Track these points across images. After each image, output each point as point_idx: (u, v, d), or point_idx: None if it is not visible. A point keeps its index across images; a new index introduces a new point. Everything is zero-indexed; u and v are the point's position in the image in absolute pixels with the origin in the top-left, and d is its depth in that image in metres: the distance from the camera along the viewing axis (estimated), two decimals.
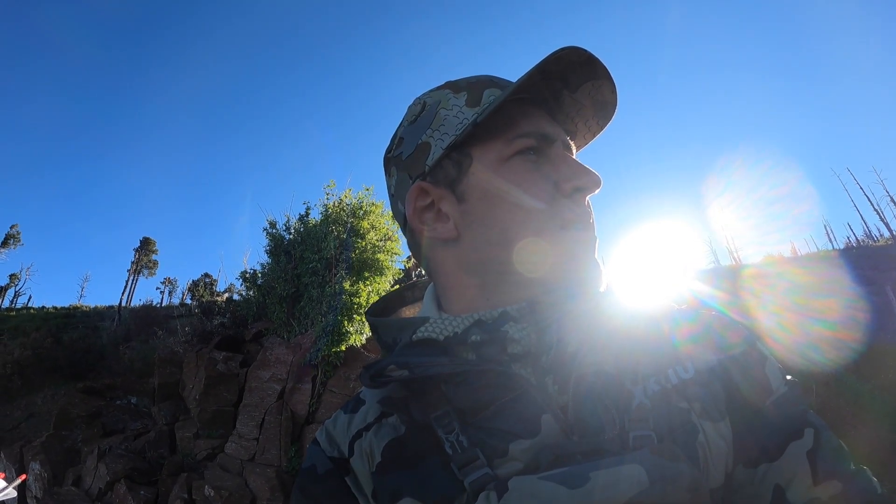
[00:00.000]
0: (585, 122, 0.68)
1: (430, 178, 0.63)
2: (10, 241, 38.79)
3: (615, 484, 0.43)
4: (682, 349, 0.58)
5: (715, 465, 0.51)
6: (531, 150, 0.61)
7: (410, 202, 0.64)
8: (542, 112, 0.64)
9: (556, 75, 0.61)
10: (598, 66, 0.59)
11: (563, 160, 0.62)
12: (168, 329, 11.45)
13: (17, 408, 11.13)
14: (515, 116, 0.61)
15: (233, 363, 8.17)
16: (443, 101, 0.64)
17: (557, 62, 0.57)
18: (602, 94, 0.64)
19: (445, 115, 0.62)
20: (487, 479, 0.49)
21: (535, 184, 0.59)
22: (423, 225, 0.64)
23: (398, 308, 0.76)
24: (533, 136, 0.60)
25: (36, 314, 23.56)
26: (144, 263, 39.87)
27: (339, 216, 8.96)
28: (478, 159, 0.61)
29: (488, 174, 0.60)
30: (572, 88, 0.64)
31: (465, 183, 0.61)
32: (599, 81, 0.62)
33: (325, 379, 7.52)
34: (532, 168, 0.60)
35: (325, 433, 0.63)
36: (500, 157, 0.60)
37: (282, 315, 8.64)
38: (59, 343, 12.99)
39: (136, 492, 6.55)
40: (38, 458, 7.56)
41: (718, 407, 0.55)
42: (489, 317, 0.57)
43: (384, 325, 0.66)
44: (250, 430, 7.25)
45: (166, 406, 8.49)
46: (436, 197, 0.63)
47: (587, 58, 0.58)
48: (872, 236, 18.22)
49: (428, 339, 0.59)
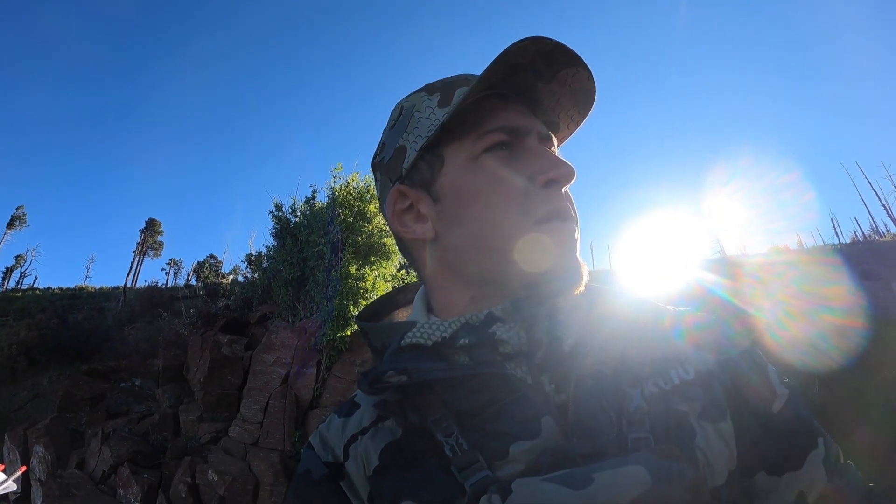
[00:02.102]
0: (566, 113, 0.68)
1: (407, 181, 0.65)
2: (15, 223, 38.96)
3: (619, 484, 0.43)
4: (684, 350, 0.59)
5: (714, 465, 0.51)
6: (503, 144, 0.60)
7: (390, 205, 0.66)
8: (517, 106, 0.64)
9: (526, 67, 0.60)
10: (569, 53, 0.58)
11: (537, 153, 0.61)
12: (173, 311, 11.40)
13: (22, 388, 11.15)
14: (486, 113, 0.61)
15: (237, 346, 8.10)
16: (417, 103, 0.65)
17: (521, 53, 0.56)
18: (578, 82, 0.63)
19: (419, 118, 0.63)
20: (488, 481, 0.49)
21: (507, 180, 0.59)
22: (403, 227, 0.66)
23: (391, 311, 0.76)
24: (502, 130, 0.60)
25: (41, 295, 23.67)
26: (150, 244, 40.03)
27: (347, 200, 8.80)
28: (449, 159, 0.62)
29: (459, 173, 0.61)
30: (546, 79, 0.63)
31: (438, 183, 0.62)
32: (573, 69, 0.61)
33: (329, 364, 7.43)
34: (504, 164, 0.60)
35: (319, 437, 0.63)
36: (470, 155, 0.61)
37: (287, 298, 8.53)
38: (64, 324, 12.98)
39: (140, 475, 6.53)
40: (42, 440, 7.54)
41: (719, 407, 0.55)
42: (476, 319, 0.58)
43: (373, 330, 0.66)
44: (254, 413, 7.19)
45: (170, 389, 8.45)
46: (414, 199, 0.65)
47: (554, 46, 0.57)
48: (879, 231, 18.01)
49: (416, 344, 0.59)
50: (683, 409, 0.54)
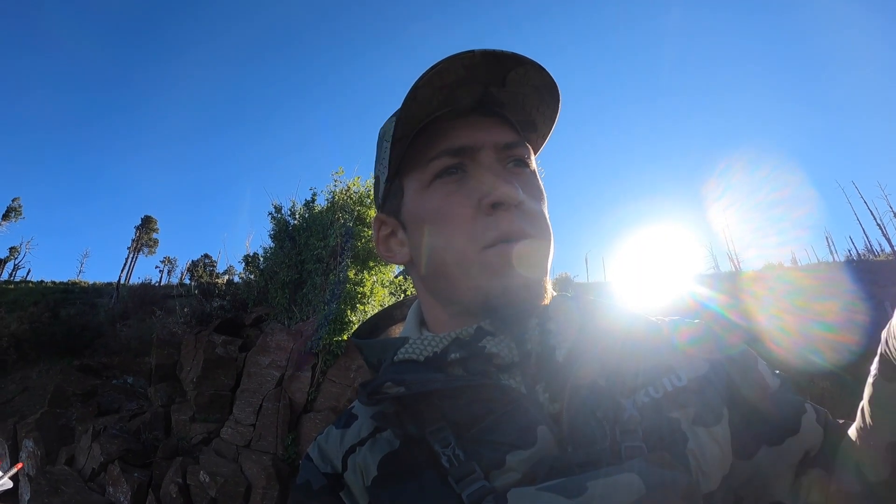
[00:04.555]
0: (538, 109, 0.65)
1: (384, 210, 0.69)
2: (11, 214, 38.71)
3: (613, 493, 0.44)
4: (677, 358, 0.60)
5: (708, 470, 0.52)
6: (453, 167, 0.60)
7: (375, 232, 0.70)
8: (473, 118, 0.62)
9: (468, 79, 0.59)
10: (505, 56, 0.57)
11: (484, 173, 0.60)
12: (166, 309, 11.34)
13: (11, 381, 11.06)
14: (436, 136, 0.61)
15: (232, 347, 8.07)
16: (387, 131, 0.63)
17: (441, 75, 0.56)
18: (533, 79, 0.61)
19: (385, 147, 0.63)
20: (485, 491, 0.49)
21: (454, 206, 0.59)
22: (387, 252, 0.69)
23: (388, 326, 0.77)
24: (446, 153, 0.60)
25: (34, 288, 23.50)
26: (145, 241, 39.82)
27: (346, 204, 8.83)
28: (407, 188, 0.64)
29: (415, 202, 0.63)
30: (497, 84, 0.61)
31: (402, 212, 0.65)
32: (521, 69, 0.59)
33: (325, 368, 7.40)
34: (454, 189, 0.60)
35: (317, 449, 0.64)
36: (420, 184, 0.62)
37: (283, 301, 8.51)
38: (56, 318, 12.90)
39: (130, 473, 6.48)
40: (32, 435, 7.49)
41: (714, 411, 0.56)
42: (465, 334, 0.59)
43: (368, 347, 0.67)
44: (247, 415, 7.16)
45: (163, 387, 8.40)
46: (392, 226, 0.68)
47: (483, 54, 0.56)
48: (874, 251, 18.18)
49: (408, 360, 0.60)
50: (676, 417, 0.55)
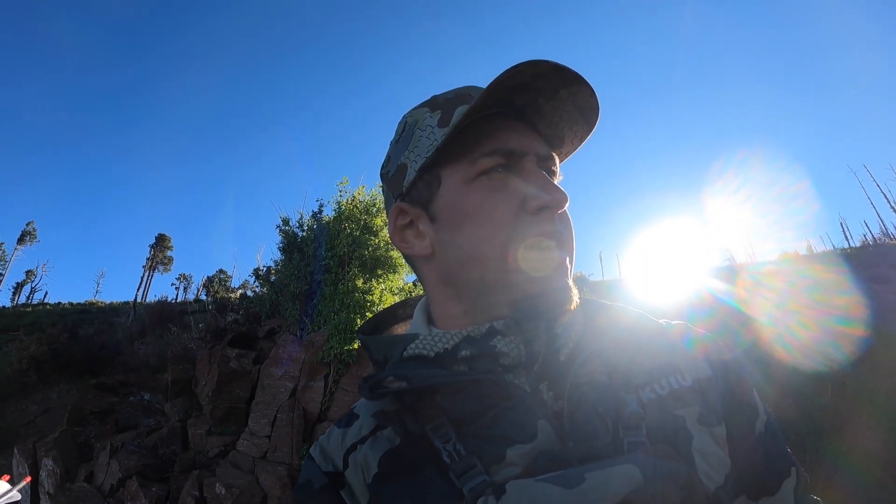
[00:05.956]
0: (571, 128, 0.67)
1: (407, 199, 0.67)
2: (26, 238, 39.39)
3: (610, 482, 0.44)
4: (681, 359, 0.61)
5: (711, 468, 0.52)
6: (499, 167, 0.61)
7: (391, 221, 0.69)
8: (518, 125, 0.64)
9: (526, 86, 0.60)
10: (567, 73, 0.58)
11: (531, 177, 0.61)
12: (182, 325, 11.46)
13: (32, 402, 11.20)
14: (483, 134, 0.61)
15: (245, 360, 8.12)
16: (420, 120, 0.65)
17: (518, 76, 0.56)
18: (581, 100, 0.62)
19: (420, 136, 0.64)
20: (486, 485, 0.50)
21: (500, 204, 0.60)
22: (403, 243, 0.68)
23: (391, 325, 0.78)
24: (498, 153, 0.61)
25: (52, 310, 23.85)
26: (160, 259, 40.30)
27: (353, 213, 8.88)
28: (446, 181, 0.63)
29: (455, 196, 0.62)
30: (547, 97, 0.62)
31: (435, 204, 0.64)
32: (574, 87, 0.60)
33: (337, 377, 7.43)
34: (498, 187, 0.61)
35: (319, 449, 0.65)
36: (465, 178, 0.61)
37: (295, 312, 8.57)
38: (74, 338, 13.04)
39: (148, 488, 6.52)
40: (51, 453, 7.57)
41: (715, 413, 0.57)
42: (477, 332, 0.59)
43: (375, 343, 0.67)
44: (262, 427, 7.20)
45: (179, 403, 8.47)
46: (413, 216, 0.66)
47: (551, 68, 0.57)
48: (889, 234, 17.88)
49: (418, 355, 0.61)
50: (681, 414, 0.55)
